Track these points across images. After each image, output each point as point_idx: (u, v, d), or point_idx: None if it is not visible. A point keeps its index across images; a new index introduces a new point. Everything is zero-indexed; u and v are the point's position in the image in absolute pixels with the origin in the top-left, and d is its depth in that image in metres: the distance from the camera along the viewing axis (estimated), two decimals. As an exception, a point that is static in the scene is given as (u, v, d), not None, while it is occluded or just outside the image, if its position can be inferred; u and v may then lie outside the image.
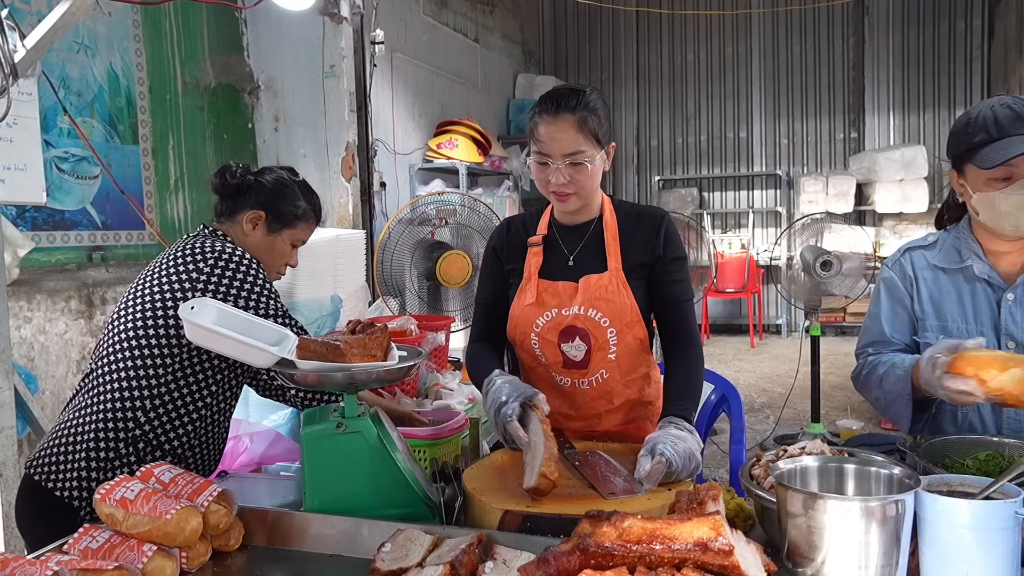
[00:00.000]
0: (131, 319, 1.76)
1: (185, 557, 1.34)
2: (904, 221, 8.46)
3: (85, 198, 3.41)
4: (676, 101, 9.38)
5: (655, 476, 1.43)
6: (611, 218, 1.80)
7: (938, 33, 8.46)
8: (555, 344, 1.78)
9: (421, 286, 2.96)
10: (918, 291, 1.74)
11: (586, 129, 1.66)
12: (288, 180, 1.92)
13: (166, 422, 1.75)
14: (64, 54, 3.31)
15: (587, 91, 1.69)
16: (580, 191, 1.71)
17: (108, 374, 1.74)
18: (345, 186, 4.52)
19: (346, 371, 1.45)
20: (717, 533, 0.97)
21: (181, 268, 1.76)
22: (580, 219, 1.81)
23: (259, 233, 1.87)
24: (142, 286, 1.79)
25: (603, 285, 1.75)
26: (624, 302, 1.74)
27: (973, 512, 1.07)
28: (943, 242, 1.76)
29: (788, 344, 8.22)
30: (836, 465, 1.26)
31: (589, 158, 1.67)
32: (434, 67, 6.45)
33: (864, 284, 5.03)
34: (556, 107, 1.66)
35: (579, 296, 1.75)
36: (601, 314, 1.74)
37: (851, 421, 4.92)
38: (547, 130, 1.67)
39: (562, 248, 1.81)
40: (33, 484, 1.73)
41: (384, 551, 1.27)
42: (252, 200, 1.87)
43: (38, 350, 3.10)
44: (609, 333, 1.75)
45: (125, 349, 1.74)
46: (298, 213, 1.91)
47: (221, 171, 1.88)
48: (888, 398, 1.67)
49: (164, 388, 1.74)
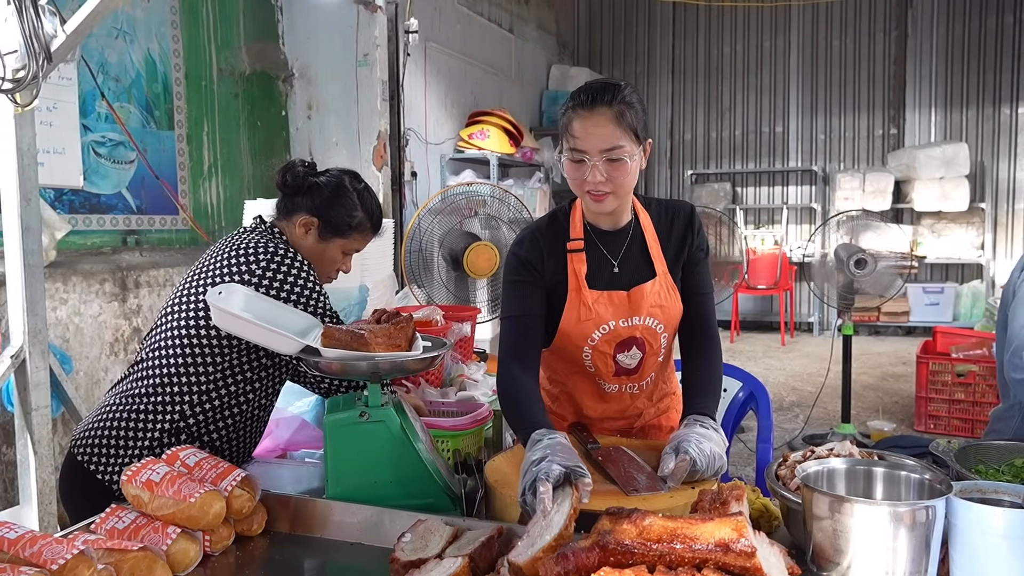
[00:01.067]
0: (184, 311, 1.76)
1: (208, 540, 1.36)
2: (943, 220, 8.28)
3: (121, 182, 3.46)
4: (711, 94, 9.26)
5: (679, 474, 1.41)
6: (646, 219, 1.74)
7: (984, 28, 8.24)
8: (610, 356, 1.73)
9: (448, 276, 2.96)
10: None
11: (624, 123, 1.56)
12: (348, 187, 1.86)
13: (211, 416, 1.76)
14: (103, 40, 3.35)
15: (622, 85, 1.59)
16: (618, 190, 1.60)
17: (158, 365, 1.75)
18: (376, 175, 4.54)
19: (370, 360, 1.46)
20: (739, 534, 0.95)
21: (234, 264, 1.74)
22: (616, 222, 1.72)
23: (311, 239, 1.84)
24: (197, 278, 1.78)
25: (656, 292, 1.71)
26: (675, 305, 1.73)
27: (1008, 520, 1.04)
28: None
29: (820, 343, 8.10)
30: (864, 468, 1.23)
31: (628, 154, 1.57)
32: (467, 57, 6.44)
33: (900, 283, 4.93)
34: (592, 100, 1.56)
35: (633, 307, 1.70)
36: (657, 321, 1.72)
37: (882, 422, 4.84)
38: (583, 125, 1.57)
39: (604, 253, 1.72)
40: (75, 464, 1.76)
41: (404, 541, 1.27)
42: (308, 203, 1.83)
43: (73, 331, 3.16)
44: (663, 339, 1.75)
45: (176, 341, 1.74)
46: (352, 224, 1.86)
47: (284, 169, 1.84)
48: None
49: (212, 384, 1.74)
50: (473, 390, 2.13)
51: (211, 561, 1.36)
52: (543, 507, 1.19)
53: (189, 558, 1.30)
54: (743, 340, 8.37)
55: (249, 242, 1.79)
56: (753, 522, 1.32)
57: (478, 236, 2.98)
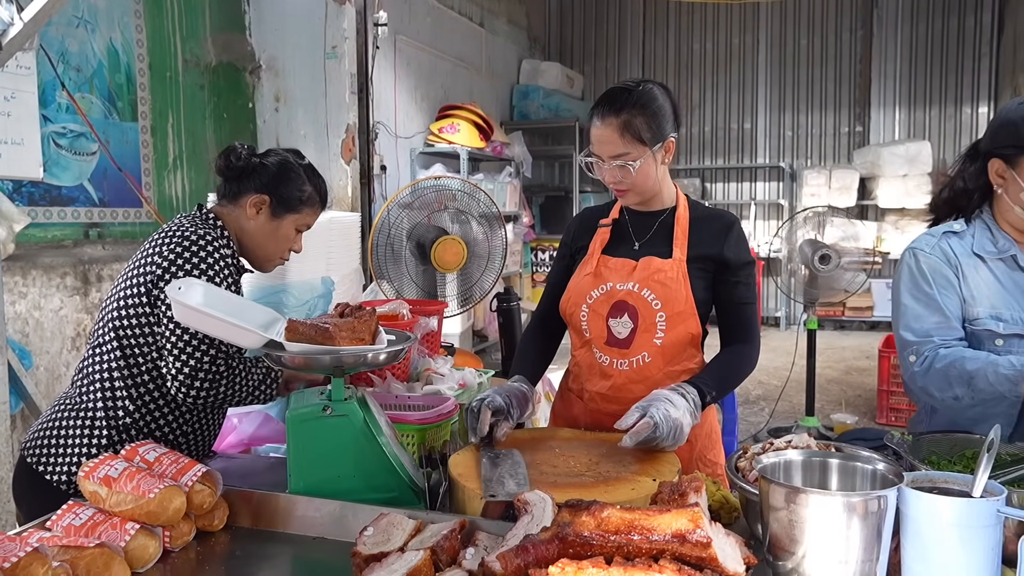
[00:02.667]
0: (114, 305, 1.74)
1: (168, 536, 1.34)
2: (907, 216, 8.43)
3: (83, 174, 3.40)
4: (681, 91, 9.31)
5: (639, 434, 1.47)
6: (684, 213, 1.84)
7: (947, 28, 8.39)
8: (603, 318, 1.81)
9: (416, 270, 2.95)
10: (963, 276, 1.70)
11: (628, 133, 1.70)
12: (293, 163, 1.86)
13: (154, 409, 1.74)
14: (63, 28, 3.28)
15: (637, 89, 1.72)
16: (634, 187, 1.77)
17: (96, 362, 1.74)
18: (345, 168, 4.51)
19: (335, 354, 1.45)
20: (695, 525, 0.97)
21: (149, 254, 1.73)
22: (652, 207, 1.86)
23: (263, 218, 1.83)
24: (127, 272, 1.77)
25: (663, 269, 1.78)
26: (680, 291, 1.76)
27: (956, 510, 1.06)
28: (972, 231, 1.74)
29: (786, 337, 8.21)
30: (820, 459, 1.26)
31: (633, 159, 1.71)
32: (437, 50, 6.41)
33: (863, 279, 5.01)
34: (603, 111, 1.72)
35: (636, 274, 1.79)
36: (654, 296, 1.77)
37: (845, 415, 4.93)
38: (595, 133, 1.74)
39: (630, 232, 1.87)
40: (26, 466, 1.73)
41: (366, 535, 1.27)
42: (256, 183, 1.82)
43: (33, 326, 3.10)
44: (659, 316, 1.77)
45: (108, 337, 1.73)
46: (303, 198, 1.86)
47: (226, 152, 1.82)
48: (978, 397, 1.60)
49: (148, 376, 1.72)
50: (439, 384, 2.13)
51: (171, 557, 1.34)
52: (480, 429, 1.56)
53: (148, 554, 1.29)
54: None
55: (170, 228, 1.76)
56: (713, 513, 1.34)
57: (447, 230, 2.97)
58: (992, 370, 1.57)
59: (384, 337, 1.54)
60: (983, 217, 1.74)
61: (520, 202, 6.89)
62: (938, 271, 1.72)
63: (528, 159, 7.17)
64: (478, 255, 3.02)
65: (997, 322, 1.66)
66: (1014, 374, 1.54)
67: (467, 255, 2.91)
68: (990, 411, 1.61)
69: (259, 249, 1.86)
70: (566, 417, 1.96)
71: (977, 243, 1.71)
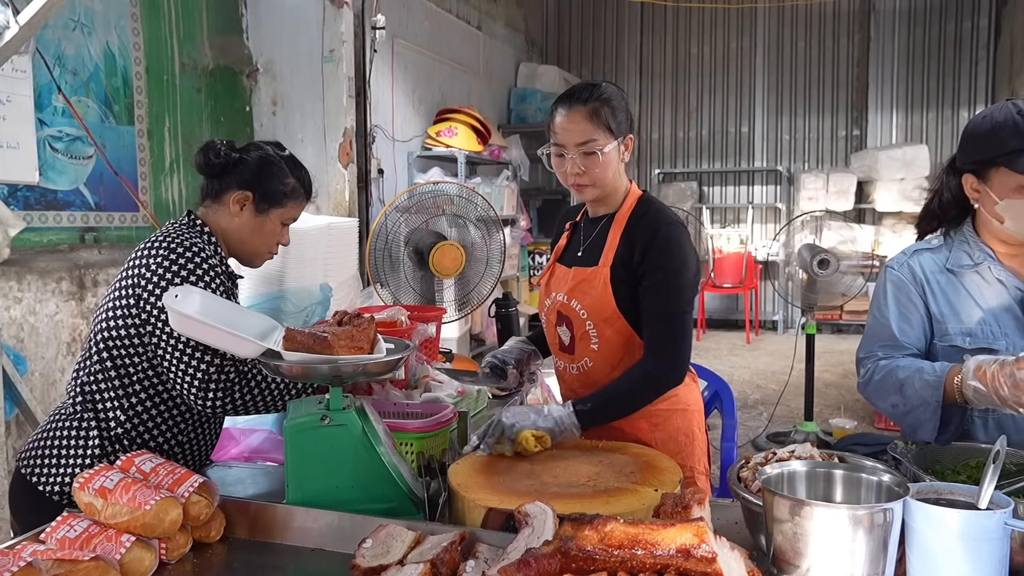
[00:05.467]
0: (104, 315, 1.72)
1: (164, 548, 1.32)
2: (904, 220, 8.43)
3: (79, 178, 3.38)
4: (678, 94, 9.33)
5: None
6: (624, 215, 1.84)
7: (944, 32, 8.41)
8: (553, 326, 1.91)
9: (414, 276, 2.94)
10: (932, 293, 1.70)
11: (597, 119, 1.74)
12: (274, 156, 1.82)
13: (146, 420, 1.72)
14: (60, 32, 3.26)
15: (602, 85, 1.79)
16: (595, 181, 1.78)
17: (86, 372, 1.72)
18: (342, 172, 4.49)
19: (333, 363, 1.43)
20: (700, 540, 0.95)
21: (136, 266, 1.70)
22: (601, 211, 1.89)
23: (247, 214, 1.79)
24: (116, 281, 1.75)
25: (587, 279, 1.83)
26: (602, 297, 1.79)
27: (962, 522, 1.05)
28: (950, 245, 1.72)
29: (784, 341, 8.21)
30: (824, 470, 1.25)
31: (601, 147, 1.74)
32: (435, 54, 6.40)
33: (862, 283, 5.01)
34: (570, 100, 1.77)
35: (567, 284, 1.87)
36: (580, 305, 1.83)
37: (844, 420, 4.92)
38: (561, 121, 1.77)
39: (580, 238, 1.93)
40: (21, 478, 1.72)
41: (365, 547, 1.25)
42: (237, 180, 1.78)
43: (28, 331, 3.08)
44: (588, 325, 1.82)
45: (97, 348, 1.71)
46: (286, 191, 1.82)
47: (204, 149, 1.78)
48: (909, 404, 1.61)
49: (138, 386, 1.70)
50: (438, 391, 2.11)
51: (167, 569, 1.33)
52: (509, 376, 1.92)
53: (144, 567, 1.27)
54: (709, 338, 8.45)
55: (157, 238, 1.73)
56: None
57: (444, 235, 2.96)
58: (919, 376, 1.58)
59: (383, 345, 1.52)
60: (964, 230, 1.71)
61: (518, 205, 6.88)
62: (901, 289, 1.72)
63: (525, 162, 7.16)
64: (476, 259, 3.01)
65: (965, 338, 1.65)
66: (935, 380, 1.55)
67: (465, 260, 2.90)
68: (921, 417, 1.59)
69: (246, 245, 1.83)
70: None
71: (952, 258, 1.70)
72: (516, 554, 1.13)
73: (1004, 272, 1.64)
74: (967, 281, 1.67)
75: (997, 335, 1.62)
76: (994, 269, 1.64)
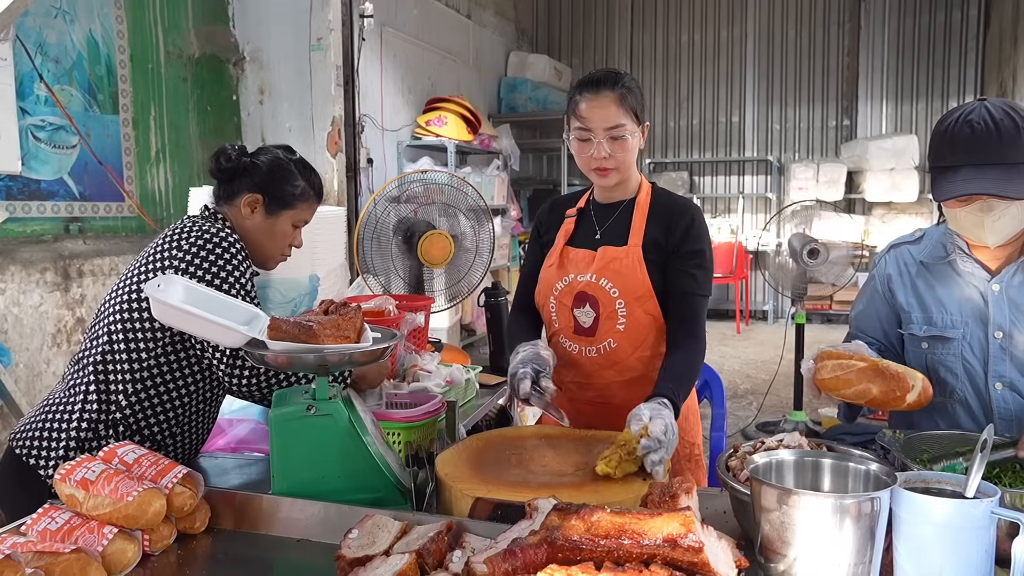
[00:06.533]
0: (118, 301, 1.74)
1: (148, 540, 1.31)
2: (894, 210, 8.46)
3: (62, 168, 3.34)
4: (669, 84, 9.31)
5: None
6: (645, 200, 1.87)
7: (934, 22, 8.41)
8: (569, 308, 1.86)
9: (403, 265, 2.91)
10: (903, 286, 1.74)
11: (625, 104, 1.76)
12: (284, 160, 1.88)
13: (147, 407, 1.72)
14: (41, 19, 3.22)
15: (624, 73, 1.82)
16: (620, 165, 1.80)
17: (93, 355, 1.72)
18: (331, 162, 4.46)
19: (318, 353, 1.42)
20: (687, 530, 0.95)
21: (165, 249, 1.73)
22: (616, 197, 1.90)
23: (258, 216, 1.84)
24: (134, 267, 1.76)
25: (619, 258, 1.83)
26: (636, 277, 1.80)
27: (949, 511, 1.05)
28: (929, 237, 1.76)
29: (774, 330, 8.23)
30: (813, 460, 1.24)
31: (629, 132, 1.77)
32: (425, 43, 6.36)
33: (851, 272, 5.02)
34: (597, 85, 1.77)
35: (594, 264, 1.83)
36: (612, 284, 1.81)
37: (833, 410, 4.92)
38: (588, 106, 1.77)
39: (594, 222, 1.91)
40: (14, 458, 1.70)
41: (351, 537, 1.24)
42: (248, 183, 1.83)
43: (12, 322, 3.04)
44: (618, 304, 1.81)
45: (110, 331, 1.72)
46: (296, 193, 1.87)
47: (216, 154, 1.84)
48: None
49: (147, 373, 1.71)
50: (427, 381, 2.10)
51: (151, 561, 1.32)
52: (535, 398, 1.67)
53: (127, 559, 1.26)
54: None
55: (184, 225, 1.77)
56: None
57: (434, 225, 2.93)
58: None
59: (369, 335, 1.51)
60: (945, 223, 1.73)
61: (508, 195, 6.86)
62: (874, 282, 1.81)
63: (516, 152, 7.14)
64: (466, 249, 2.99)
65: (923, 326, 1.70)
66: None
67: (454, 249, 2.88)
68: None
69: (258, 248, 1.86)
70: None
71: (927, 250, 1.73)
72: (504, 543, 1.12)
73: (972, 264, 1.66)
74: (938, 273, 1.71)
75: (957, 324, 1.66)
76: (963, 262, 1.67)
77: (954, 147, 1.52)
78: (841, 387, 1.48)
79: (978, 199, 1.51)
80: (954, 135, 1.52)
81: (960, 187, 1.50)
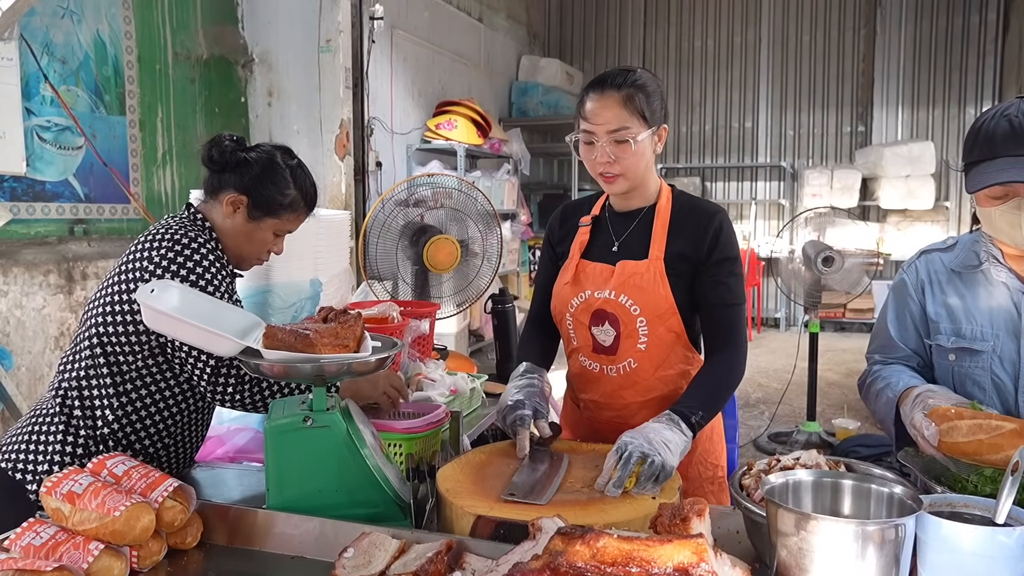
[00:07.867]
0: (98, 309, 1.66)
1: (136, 556, 1.26)
2: (909, 218, 8.35)
3: (68, 169, 3.31)
4: (681, 88, 9.24)
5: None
6: (666, 207, 1.75)
7: (951, 27, 8.31)
8: (586, 327, 1.75)
9: (410, 271, 2.87)
10: (932, 294, 1.67)
11: (631, 105, 1.63)
12: (280, 163, 1.74)
13: (135, 420, 1.66)
14: (48, 19, 3.19)
15: (636, 71, 1.69)
16: (626, 172, 1.67)
17: (75, 368, 1.66)
18: (339, 164, 4.42)
19: (315, 362, 1.37)
20: (699, 558, 0.89)
21: (136, 260, 1.65)
22: (633, 205, 1.77)
23: (239, 218, 1.72)
24: (112, 273, 1.69)
25: (639, 273, 1.70)
26: (658, 293, 1.69)
27: (978, 539, 0.99)
28: (962, 245, 1.68)
29: (787, 338, 8.14)
30: (832, 480, 1.18)
31: (633, 135, 1.63)
32: (435, 45, 6.32)
33: (866, 281, 4.94)
34: (602, 84, 1.66)
35: (613, 280, 1.72)
36: (632, 301, 1.70)
37: (847, 420, 4.84)
38: (592, 107, 1.66)
39: (610, 232, 1.79)
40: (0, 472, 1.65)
41: (346, 557, 1.19)
42: (236, 180, 1.71)
43: (14, 325, 3.01)
44: (639, 322, 1.70)
45: (91, 341, 1.65)
46: (285, 202, 1.74)
47: (210, 143, 1.72)
48: (880, 415, 1.66)
49: (130, 385, 1.65)
50: (430, 390, 2.05)
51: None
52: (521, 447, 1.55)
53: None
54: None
55: (158, 231, 1.68)
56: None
57: (439, 229, 2.88)
58: (886, 391, 1.62)
59: (370, 344, 1.46)
60: (980, 231, 1.66)
61: (518, 200, 6.81)
62: (903, 290, 1.73)
63: (526, 156, 7.09)
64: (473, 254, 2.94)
65: (951, 337, 1.63)
66: (893, 397, 1.58)
67: (461, 255, 2.83)
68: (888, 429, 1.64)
69: (234, 248, 1.76)
70: (572, 425, 1.91)
71: (959, 258, 1.66)
72: (505, 567, 1.07)
73: (1006, 273, 1.59)
74: (970, 282, 1.63)
75: (987, 336, 1.58)
76: (997, 270, 1.60)
77: (992, 140, 1.46)
78: (986, 452, 1.30)
79: (1014, 196, 1.44)
80: (992, 130, 1.47)
81: (995, 175, 1.44)
